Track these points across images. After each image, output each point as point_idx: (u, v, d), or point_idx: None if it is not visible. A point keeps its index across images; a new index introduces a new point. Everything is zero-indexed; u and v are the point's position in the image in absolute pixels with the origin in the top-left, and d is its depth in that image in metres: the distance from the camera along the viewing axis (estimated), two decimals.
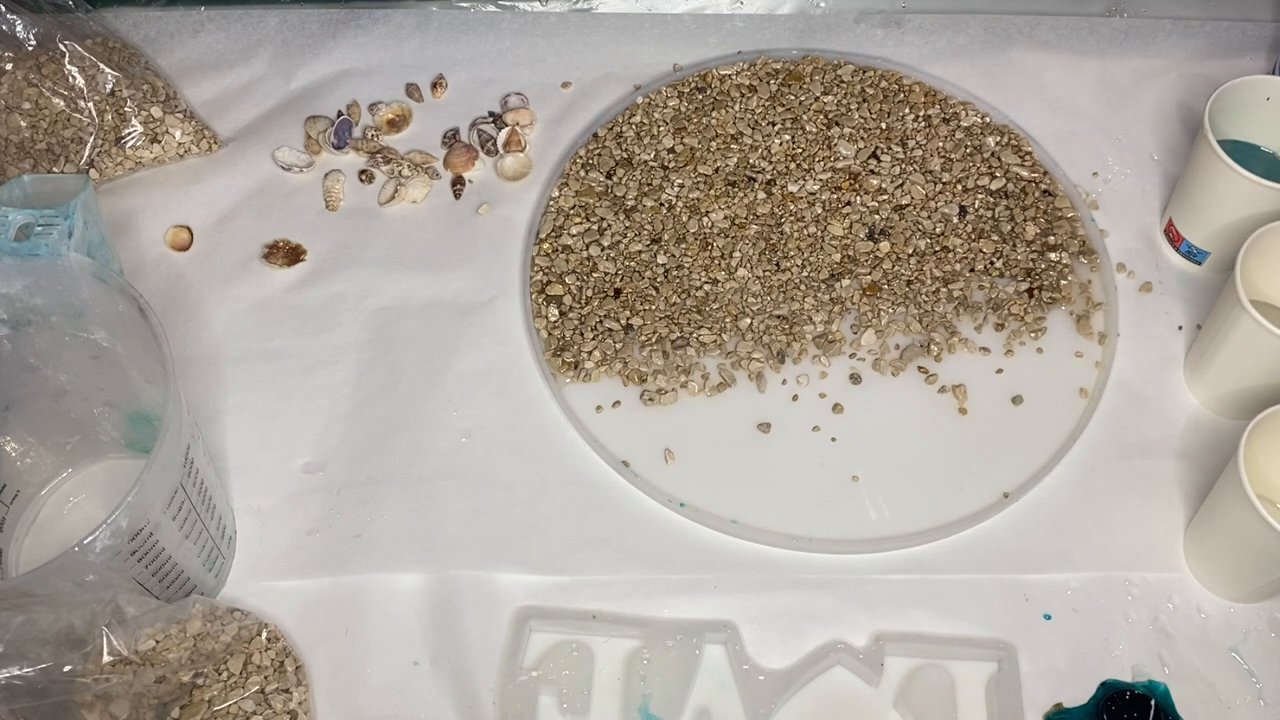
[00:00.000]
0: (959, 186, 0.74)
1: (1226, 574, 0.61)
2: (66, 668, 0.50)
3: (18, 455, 0.63)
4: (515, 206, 0.75)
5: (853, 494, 0.65)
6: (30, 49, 0.73)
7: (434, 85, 0.81)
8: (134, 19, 0.82)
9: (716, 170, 0.75)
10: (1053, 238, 0.72)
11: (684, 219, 0.73)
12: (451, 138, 0.79)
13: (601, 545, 0.64)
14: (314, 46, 0.82)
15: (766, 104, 0.78)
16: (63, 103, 0.73)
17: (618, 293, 0.71)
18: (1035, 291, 0.70)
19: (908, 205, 0.73)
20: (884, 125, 0.77)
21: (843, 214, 0.73)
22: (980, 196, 0.73)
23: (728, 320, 0.70)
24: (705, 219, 0.73)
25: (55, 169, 0.73)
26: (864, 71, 0.79)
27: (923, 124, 0.77)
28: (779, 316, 0.70)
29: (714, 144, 0.76)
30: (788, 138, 0.76)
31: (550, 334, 0.70)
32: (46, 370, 0.61)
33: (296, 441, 0.67)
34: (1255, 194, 0.65)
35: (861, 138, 0.76)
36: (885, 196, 0.73)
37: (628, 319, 0.70)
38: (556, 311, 0.70)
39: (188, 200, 0.76)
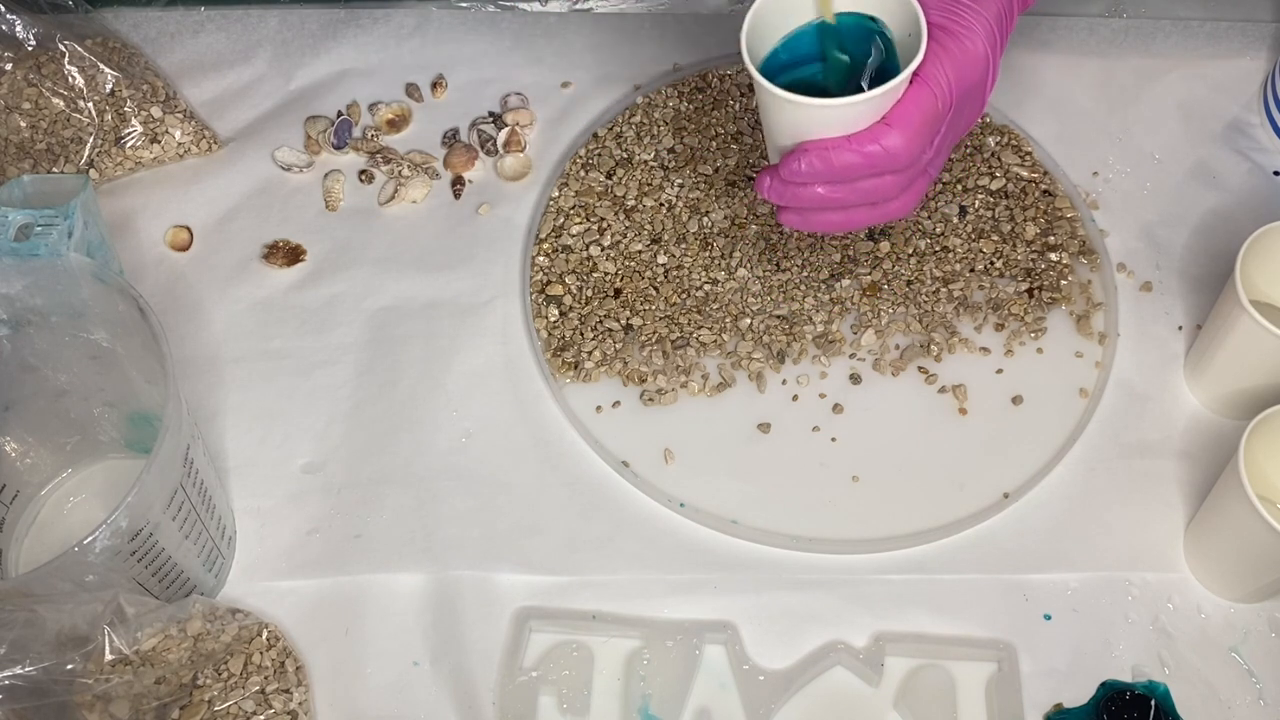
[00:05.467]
0: (959, 186, 0.74)
1: (1226, 574, 0.61)
2: (69, 666, 0.50)
3: (18, 455, 0.63)
4: (515, 206, 0.75)
5: (853, 494, 0.65)
6: (30, 49, 0.73)
7: (434, 85, 0.81)
8: (134, 19, 0.82)
9: (716, 170, 0.75)
10: (1053, 238, 0.72)
11: (684, 219, 0.73)
12: (451, 138, 0.79)
13: (601, 545, 0.64)
14: (314, 46, 0.82)
15: None
16: (62, 103, 0.73)
17: (618, 293, 0.71)
18: (1035, 291, 0.70)
19: None
20: None
21: None
22: (980, 196, 0.73)
23: (728, 320, 0.70)
24: (705, 219, 0.73)
25: (55, 169, 0.73)
26: None
27: None
28: (779, 316, 0.70)
29: (714, 144, 0.76)
30: None
31: (550, 334, 0.70)
32: (46, 370, 0.61)
33: (296, 441, 0.67)
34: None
35: None
36: None
37: (628, 319, 0.70)
38: (556, 311, 0.70)
39: (188, 200, 0.76)
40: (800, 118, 0.53)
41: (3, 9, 0.71)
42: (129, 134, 0.75)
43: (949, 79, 0.53)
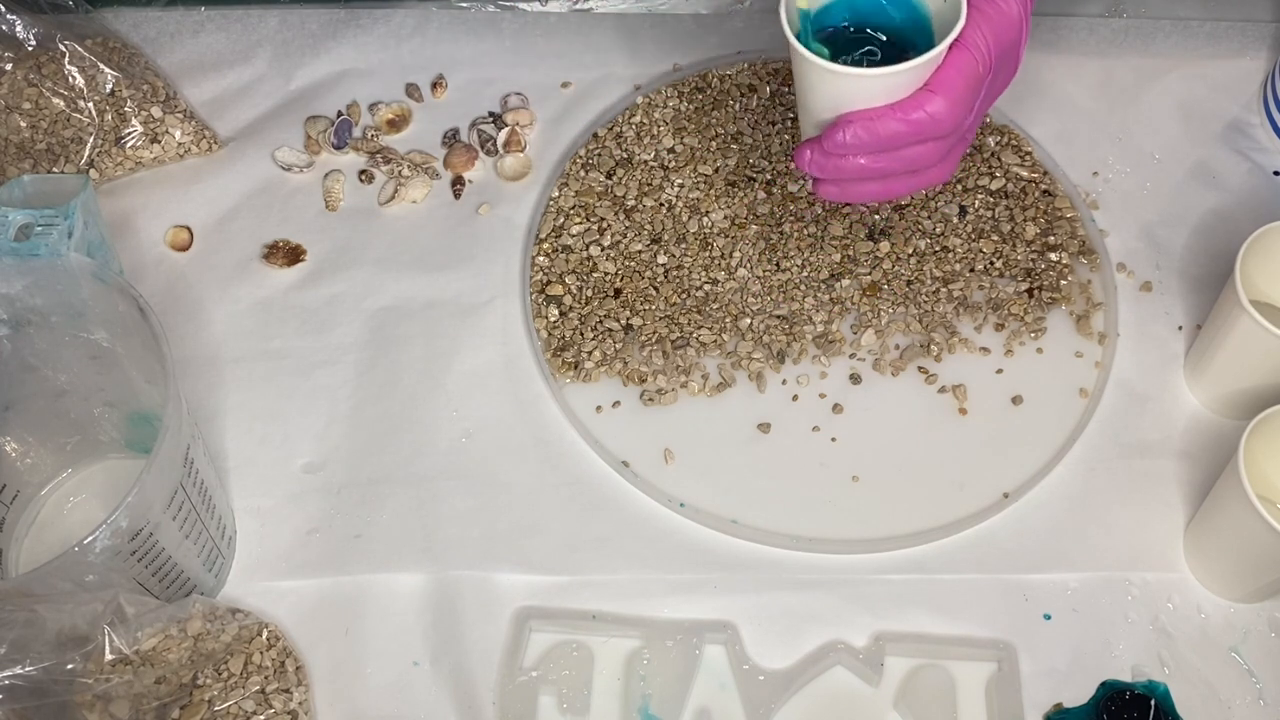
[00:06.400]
0: (959, 186, 0.74)
1: (1226, 574, 0.61)
2: (69, 666, 0.50)
3: (18, 455, 0.63)
4: (515, 206, 0.76)
5: (853, 494, 0.65)
6: (30, 49, 0.73)
7: (434, 85, 0.81)
8: (134, 19, 0.82)
9: (716, 170, 0.75)
10: (1053, 238, 0.72)
11: (684, 219, 0.73)
12: (451, 138, 0.79)
13: (601, 545, 0.64)
14: (314, 46, 0.82)
15: (766, 104, 0.78)
16: (63, 103, 0.73)
17: (618, 293, 0.71)
18: (1035, 291, 0.70)
19: (907, 205, 0.73)
20: None
21: (842, 214, 0.73)
22: (980, 196, 0.73)
23: (728, 320, 0.70)
24: (705, 219, 0.73)
25: (55, 169, 0.73)
26: None
27: None
28: (779, 316, 0.70)
29: (714, 144, 0.76)
30: (788, 138, 0.76)
31: (550, 334, 0.70)
32: (46, 370, 0.61)
33: (296, 441, 0.67)
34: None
35: None
36: None
37: (628, 319, 0.70)
38: (556, 311, 0.70)
39: (188, 200, 0.76)
40: (843, 88, 0.53)
41: (3, 9, 0.71)
42: (129, 134, 0.75)
43: (988, 42, 0.53)
